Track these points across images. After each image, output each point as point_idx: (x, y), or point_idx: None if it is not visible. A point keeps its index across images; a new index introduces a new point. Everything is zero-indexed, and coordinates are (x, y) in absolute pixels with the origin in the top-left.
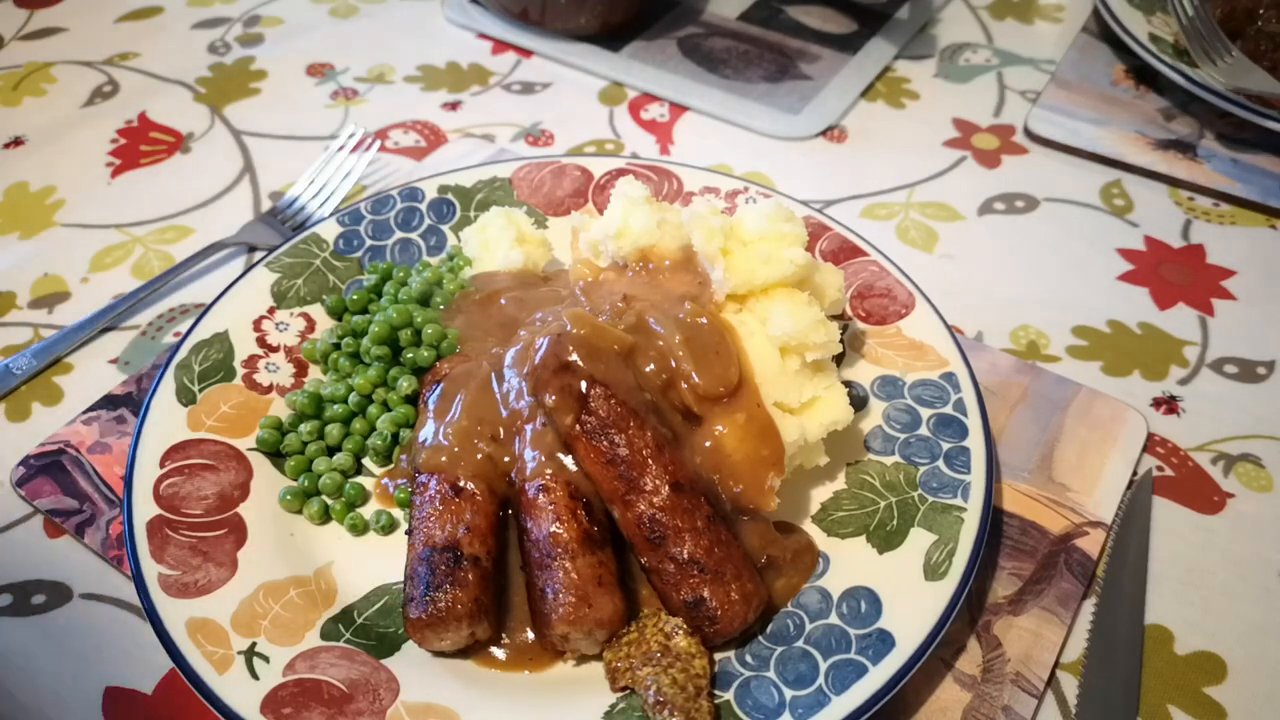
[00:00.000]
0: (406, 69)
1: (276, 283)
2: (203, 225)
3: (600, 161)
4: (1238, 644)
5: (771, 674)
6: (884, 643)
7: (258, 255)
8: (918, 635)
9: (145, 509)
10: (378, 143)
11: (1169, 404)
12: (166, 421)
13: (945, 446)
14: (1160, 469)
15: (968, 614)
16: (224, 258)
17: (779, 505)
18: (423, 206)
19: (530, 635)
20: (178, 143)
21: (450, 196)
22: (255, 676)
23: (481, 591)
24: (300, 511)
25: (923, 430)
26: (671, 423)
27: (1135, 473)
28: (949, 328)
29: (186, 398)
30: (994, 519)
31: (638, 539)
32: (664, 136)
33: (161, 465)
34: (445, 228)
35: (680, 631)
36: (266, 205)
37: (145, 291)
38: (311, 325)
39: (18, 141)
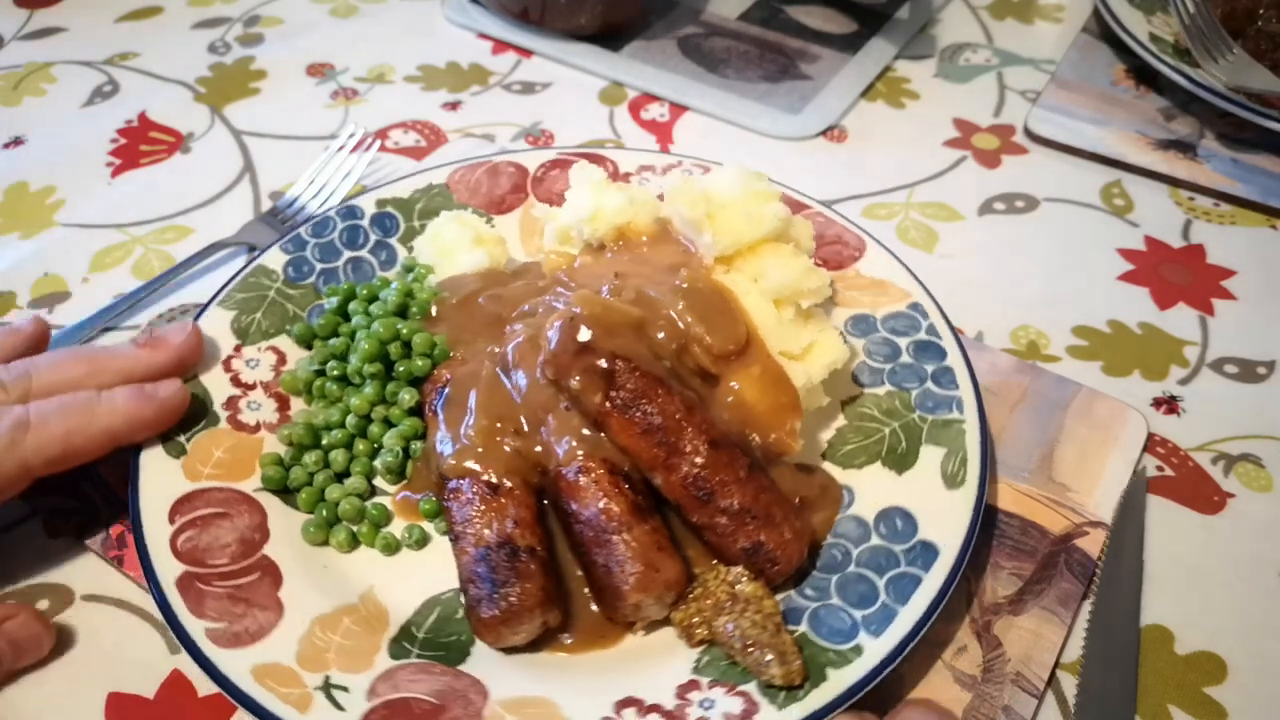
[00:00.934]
0: (406, 69)
1: (235, 319)
2: (203, 225)
3: (532, 155)
4: (1238, 644)
5: (836, 600)
6: (929, 551)
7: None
8: (956, 539)
9: (169, 568)
10: (378, 143)
11: (1169, 404)
12: (162, 477)
13: (929, 369)
14: (1160, 469)
15: (968, 614)
16: (224, 258)
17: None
18: (364, 223)
19: (590, 615)
20: (178, 143)
21: (390, 209)
22: (340, 707)
23: (546, 579)
24: (326, 542)
25: (905, 358)
26: (691, 385)
27: (1135, 473)
28: (902, 263)
29: (175, 450)
30: (993, 518)
31: (686, 499)
32: (664, 136)
33: (171, 521)
34: (393, 241)
35: (744, 578)
36: (266, 205)
37: (145, 291)
38: (282, 358)
39: (18, 141)
